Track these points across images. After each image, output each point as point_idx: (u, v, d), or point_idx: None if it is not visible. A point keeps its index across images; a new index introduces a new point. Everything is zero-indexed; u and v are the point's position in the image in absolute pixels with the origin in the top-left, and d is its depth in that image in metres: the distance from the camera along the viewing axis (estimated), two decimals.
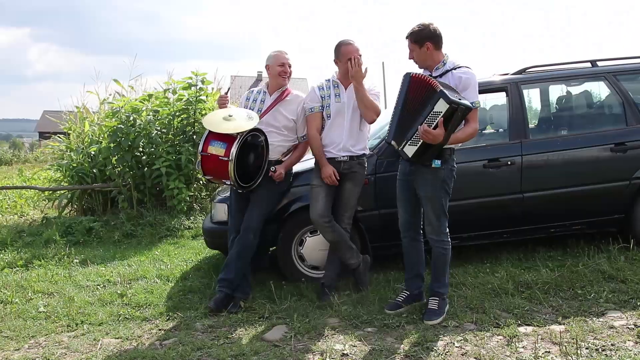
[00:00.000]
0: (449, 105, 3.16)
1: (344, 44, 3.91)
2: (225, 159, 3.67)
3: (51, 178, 9.47)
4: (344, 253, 4.00)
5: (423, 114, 3.28)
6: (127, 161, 7.06)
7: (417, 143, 3.33)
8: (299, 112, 4.10)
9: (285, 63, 4.10)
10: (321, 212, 3.91)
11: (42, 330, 3.68)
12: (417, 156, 3.36)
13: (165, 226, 6.61)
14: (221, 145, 3.72)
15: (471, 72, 3.44)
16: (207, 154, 3.76)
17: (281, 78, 4.09)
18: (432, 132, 3.20)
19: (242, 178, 3.80)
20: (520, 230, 4.56)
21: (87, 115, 8.51)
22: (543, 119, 5.25)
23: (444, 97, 3.18)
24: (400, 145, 3.41)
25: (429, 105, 3.25)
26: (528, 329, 3.29)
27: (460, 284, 4.03)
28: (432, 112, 3.23)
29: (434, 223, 3.51)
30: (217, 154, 3.71)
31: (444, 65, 3.48)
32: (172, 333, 3.53)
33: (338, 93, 3.98)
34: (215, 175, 3.84)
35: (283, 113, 4.09)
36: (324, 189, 3.94)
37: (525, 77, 4.73)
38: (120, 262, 5.38)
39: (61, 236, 6.50)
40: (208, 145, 3.77)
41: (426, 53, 3.46)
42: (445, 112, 3.18)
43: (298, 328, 3.44)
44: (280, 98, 4.11)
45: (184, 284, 4.48)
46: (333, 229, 3.93)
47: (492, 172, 4.42)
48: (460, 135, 3.38)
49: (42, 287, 4.60)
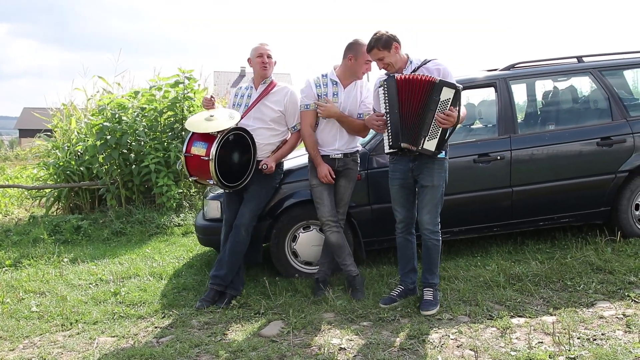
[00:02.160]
0: (455, 90, 3.34)
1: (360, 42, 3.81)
2: (206, 158, 3.69)
3: (35, 176, 9.36)
4: (344, 258, 3.98)
5: (431, 107, 3.39)
6: (115, 158, 7.00)
7: (435, 135, 3.42)
8: (286, 102, 4.02)
9: (263, 53, 4.03)
10: (331, 211, 3.92)
11: (36, 330, 3.66)
12: (439, 147, 3.45)
13: (155, 223, 6.57)
14: (202, 145, 3.76)
15: (443, 63, 3.58)
16: (190, 154, 3.81)
17: (262, 69, 4.02)
18: (452, 114, 3.33)
19: (227, 177, 3.81)
20: (510, 224, 4.63)
21: (74, 112, 8.42)
22: (531, 114, 5.33)
23: (446, 85, 3.36)
24: (419, 144, 3.45)
25: (434, 96, 3.37)
26: (520, 320, 3.35)
27: (453, 278, 4.08)
28: (441, 101, 3.36)
29: (433, 212, 3.58)
30: (199, 154, 3.75)
31: (411, 64, 3.60)
32: (169, 330, 3.53)
33: (336, 92, 3.91)
34: (199, 176, 3.86)
35: (269, 105, 4.03)
36: (326, 187, 3.94)
37: (513, 72, 4.79)
38: (111, 260, 5.35)
39: (49, 235, 6.45)
40: (191, 146, 3.82)
41: (395, 54, 3.57)
42: (454, 97, 3.35)
43: (294, 323, 3.46)
44: (267, 91, 4.06)
45: (178, 281, 4.47)
46: (339, 230, 3.96)
47: (482, 166, 4.48)
48: (462, 116, 3.50)
49: (34, 286, 4.56)
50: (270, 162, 3.99)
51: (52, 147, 8.29)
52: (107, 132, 6.92)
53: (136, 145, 7.05)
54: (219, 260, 4.02)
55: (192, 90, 7.39)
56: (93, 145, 7.11)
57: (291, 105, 4.04)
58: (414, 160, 3.59)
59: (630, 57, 5.05)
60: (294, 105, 4.04)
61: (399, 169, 3.69)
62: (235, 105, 4.19)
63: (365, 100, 3.94)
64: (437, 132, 3.41)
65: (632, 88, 5.50)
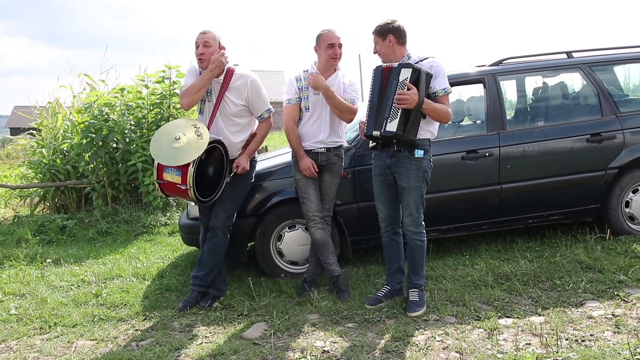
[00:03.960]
0: (412, 69, 3.31)
1: (325, 31, 3.83)
2: (184, 187, 3.51)
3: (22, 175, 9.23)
4: (327, 256, 3.90)
5: (391, 90, 3.36)
6: (101, 157, 6.90)
7: (396, 116, 3.35)
8: (247, 93, 3.78)
9: (199, 43, 3.73)
10: (317, 207, 3.85)
11: (14, 334, 3.57)
12: (402, 128, 3.35)
13: (141, 223, 6.48)
14: (176, 172, 3.54)
15: (438, 61, 3.52)
16: (163, 181, 3.62)
17: (198, 60, 3.73)
18: (407, 92, 3.27)
19: (203, 192, 3.66)
20: (499, 222, 4.57)
21: (60, 110, 8.30)
22: (520, 110, 5.26)
23: (404, 66, 3.35)
24: (381, 128, 3.38)
25: (394, 80, 3.36)
26: (508, 321, 3.29)
27: (440, 277, 4.01)
28: (399, 82, 3.33)
29: (414, 214, 3.50)
30: (174, 182, 3.55)
31: (409, 59, 3.54)
32: (149, 333, 3.44)
33: None
34: (176, 196, 3.79)
35: (232, 100, 3.79)
36: (311, 182, 3.87)
37: (502, 68, 4.72)
38: (95, 261, 5.26)
39: (33, 235, 6.34)
40: (163, 173, 3.60)
41: (389, 46, 3.52)
42: (411, 77, 3.30)
43: (278, 325, 3.39)
44: (226, 84, 3.77)
45: (161, 282, 4.39)
46: (325, 227, 3.88)
47: (470, 163, 4.41)
48: (437, 106, 3.42)
49: (14, 288, 4.46)
50: (242, 162, 3.83)
51: (37, 146, 8.17)
52: (93, 130, 6.81)
53: (123, 144, 6.94)
54: (199, 260, 3.93)
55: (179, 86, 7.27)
56: (79, 143, 7.00)
57: (254, 94, 3.82)
58: (391, 156, 3.53)
59: (620, 53, 4.98)
60: (257, 94, 3.82)
61: (378, 164, 3.64)
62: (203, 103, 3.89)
63: (350, 88, 3.88)
64: (397, 113, 3.34)
65: (623, 84, 5.44)
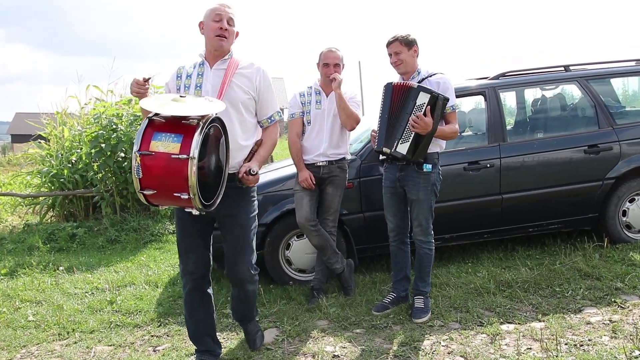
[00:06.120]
0: (430, 95, 3.42)
1: (325, 50, 4.01)
2: (183, 156, 2.38)
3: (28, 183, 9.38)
4: (329, 257, 4.07)
5: (407, 111, 3.47)
6: (110, 166, 7.05)
7: (408, 139, 3.48)
8: (258, 83, 2.97)
9: (223, 17, 2.89)
10: (307, 216, 3.99)
11: (34, 340, 3.70)
12: (412, 152, 3.50)
13: (150, 231, 6.63)
14: (173, 137, 2.41)
15: (447, 78, 3.66)
16: (150, 152, 2.41)
17: (218, 40, 2.90)
18: (424, 119, 3.38)
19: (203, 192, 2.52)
20: (500, 230, 4.72)
21: (67, 119, 8.45)
22: (520, 123, 5.41)
23: (423, 90, 3.45)
24: (392, 147, 3.52)
25: (411, 101, 3.46)
26: (510, 326, 3.43)
27: (444, 284, 4.16)
28: (416, 105, 3.44)
29: (424, 224, 3.65)
30: (168, 152, 2.39)
31: (418, 74, 3.68)
32: (165, 339, 3.58)
33: (319, 100, 4.06)
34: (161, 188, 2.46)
35: (240, 86, 2.93)
36: (307, 193, 4.02)
37: (502, 81, 4.89)
38: (106, 269, 5.40)
39: (44, 243, 6.48)
40: (150, 140, 2.42)
41: (412, 57, 3.67)
42: (429, 102, 3.42)
43: (289, 331, 3.53)
44: (230, 68, 2.94)
45: (173, 290, 4.52)
46: (319, 233, 4.02)
47: (472, 174, 4.56)
48: (446, 129, 3.57)
49: (30, 295, 4.60)
50: (253, 165, 2.86)
51: (45, 155, 8.32)
52: (102, 140, 6.96)
53: (131, 153, 7.07)
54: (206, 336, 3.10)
55: None
56: (88, 153, 7.15)
57: (266, 87, 3.01)
58: (401, 170, 3.66)
59: (616, 67, 5.15)
60: (269, 88, 3.04)
61: (388, 177, 3.77)
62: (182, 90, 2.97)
63: (351, 101, 3.99)
64: (409, 136, 3.47)
65: (622, 93, 5.61)
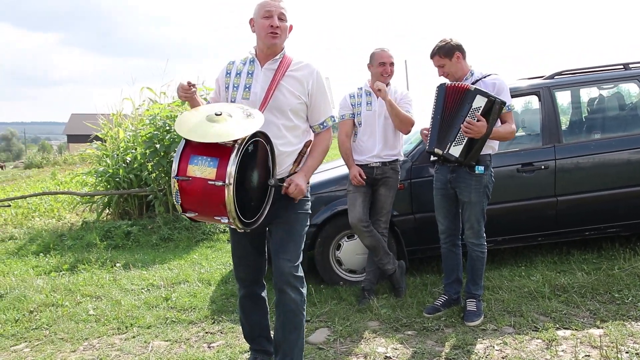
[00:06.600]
0: (487, 99, 3.37)
1: (378, 50, 4.01)
2: (220, 183, 2.34)
3: (84, 182, 9.78)
4: (380, 258, 4.08)
5: (462, 114, 3.43)
6: (163, 166, 7.25)
7: (461, 142, 3.45)
8: (311, 87, 2.74)
9: (273, 12, 2.64)
10: (360, 216, 4.00)
11: (94, 333, 3.86)
12: (464, 155, 3.47)
13: (201, 230, 6.78)
14: (209, 162, 2.40)
15: (501, 79, 3.60)
16: (187, 177, 2.41)
17: (270, 38, 2.66)
18: (476, 124, 3.35)
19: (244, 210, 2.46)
20: (555, 233, 4.61)
21: (122, 120, 8.76)
22: (575, 123, 5.28)
23: (480, 93, 3.40)
24: (445, 149, 3.50)
25: (466, 104, 3.42)
26: (567, 332, 3.35)
27: (497, 288, 4.09)
28: (472, 108, 3.40)
29: (475, 227, 3.62)
30: (204, 177, 2.39)
31: (472, 75, 3.63)
32: (219, 336, 3.66)
33: (370, 101, 4.05)
34: (201, 211, 2.48)
35: (289, 90, 2.71)
36: (360, 194, 4.03)
37: (557, 81, 4.77)
38: (160, 266, 5.56)
39: (101, 240, 6.72)
40: (187, 165, 2.42)
41: (457, 64, 3.61)
42: (485, 106, 3.38)
43: (340, 331, 3.55)
44: (281, 69, 2.71)
45: (226, 288, 4.62)
46: (371, 233, 4.03)
47: (525, 176, 4.48)
48: (502, 130, 3.52)
49: (90, 290, 4.79)
50: (299, 180, 2.67)
51: (102, 155, 8.64)
52: (156, 140, 7.18)
53: None
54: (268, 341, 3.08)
55: None
56: (142, 153, 7.39)
57: (320, 91, 2.77)
58: (452, 171, 3.63)
59: None
60: (324, 92, 2.80)
61: (439, 178, 3.74)
62: (231, 89, 2.80)
63: (402, 101, 3.99)
64: (462, 139, 3.44)
65: None
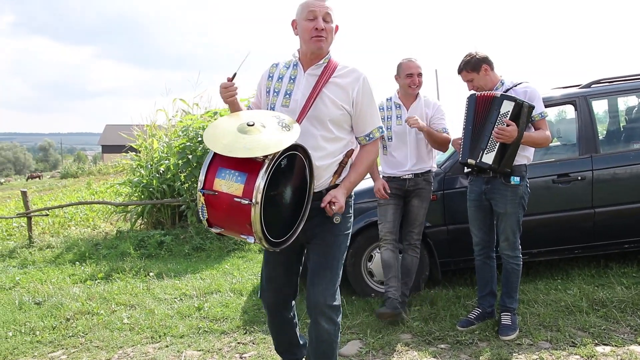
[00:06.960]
0: (514, 103, 3.35)
1: (405, 60, 3.96)
2: (246, 201, 2.15)
3: (118, 192, 9.99)
4: (389, 279, 3.94)
5: (491, 121, 3.41)
6: (196, 177, 7.35)
7: (493, 148, 3.42)
8: (357, 95, 2.46)
9: (317, 13, 2.40)
10: (390, 229, 3.97)
11: (129, 341, 3.91)
12: (498, 161, 3.42)
13: (233, 240, 6.84)
14: (237, 176, 2.22)
15: (532, 86, 3.55)
16: (213, 192, 2.24)
17: (315, 42, 2.42)
18: (507, 129, 3.31)
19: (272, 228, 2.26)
20: (592, 246, 4.49)
21: (156, 131, 8.93)
22: (613, 133, 5.15)
23: (506, 98, 3.39)
24: (477, 158, 3.46)
25: (494, 111, 3.40)
26: (606, 348, 3.25)
27: (532, 301, 4.01)
28: (500, 114, 3.37)
29: (511, 238, 3.55)
30: (231, 193, 2.20)
31: (502, 85, 3.59)
32: (251, 346, 3.67)
33: (399, 115, 3.98)
34: (227, 228, 2.33)
35: (331, 98, 2.45)
36: (392, 206, 3.99)
37: (594, 90, 4.67)
38: (193, 276, 5.62)
39: (135, 249, 6.84)
40: (214, 177, 2.25)
41: (485, 77, 3.58)
42: (513, 110, 3.34)
43: (372, 344, 3.52)
44: (325, 76, 2.47)
45: (257, 299, 4.63)
46: (394, 250, 3.99)
47: (562, 187, 4.39)
48: (535, 136, 3.46)
49: (124, 299, 4.87)
50: (338, 196, 2.41)
51: (136, 166, 8.81)
52: (189, 151, 7.29)
53: None
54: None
55: None
56: (175, 164, 7.51)
57: (366, 99, 2.49)
58: (487, 182, 3.58)
59: None
60: (371, 101, 2.52)
61: (474, 190, 3.70)
62: (271, 94, 2.57)
63: (435, 117, 3.95)
64: (494, 146, 3.40)
65: None
